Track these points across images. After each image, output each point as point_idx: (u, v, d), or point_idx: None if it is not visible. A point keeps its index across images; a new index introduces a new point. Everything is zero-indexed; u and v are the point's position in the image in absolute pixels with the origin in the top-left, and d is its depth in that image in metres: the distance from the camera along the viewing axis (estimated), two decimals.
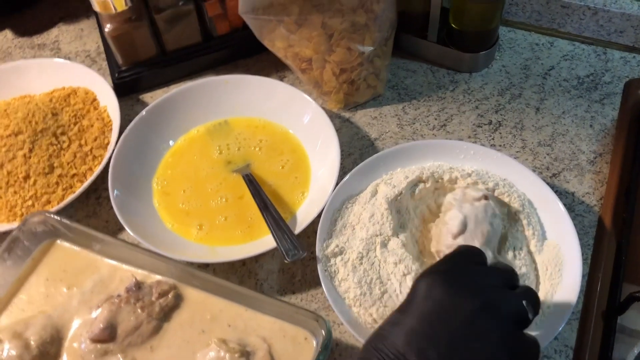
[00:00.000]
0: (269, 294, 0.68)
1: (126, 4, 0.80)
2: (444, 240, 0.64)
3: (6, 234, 0.74)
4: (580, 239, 0.64)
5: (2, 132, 0.78)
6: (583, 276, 0.63)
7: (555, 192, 0.68)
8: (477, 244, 0.62)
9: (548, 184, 0.69)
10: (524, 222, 0.67)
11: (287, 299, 0.68)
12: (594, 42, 0.89)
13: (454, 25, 0.84)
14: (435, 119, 0.83)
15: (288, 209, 0.74)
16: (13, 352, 0.59)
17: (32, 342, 0.60)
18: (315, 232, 0.69)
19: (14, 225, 0.73)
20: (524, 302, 0.46)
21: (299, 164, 0.79)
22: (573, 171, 0.76)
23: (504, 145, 0.79)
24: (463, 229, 0.63)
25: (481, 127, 0.81)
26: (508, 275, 0.49)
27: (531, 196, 0.69)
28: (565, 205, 0.67)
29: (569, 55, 0.88)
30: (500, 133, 0.81)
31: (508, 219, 0.68)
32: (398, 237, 0.66)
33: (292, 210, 0.74)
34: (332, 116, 0.80)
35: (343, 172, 0.74)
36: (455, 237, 0.63)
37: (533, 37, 0.91)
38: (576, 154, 0.78)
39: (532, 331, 0.59)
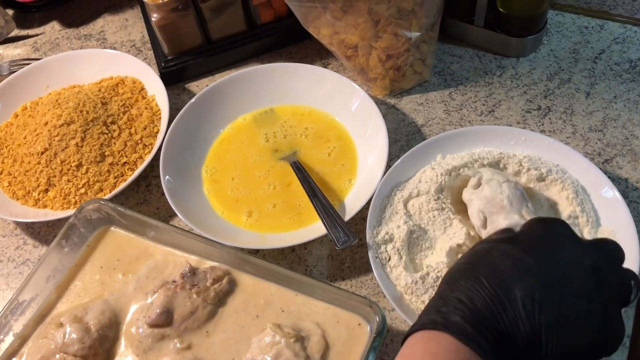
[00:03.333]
0: (320, 280, 0.69)
1: None
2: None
3: (61, 221, 0.76)
4: (635, 226, 0.63)
5: (55, 121, 0.80)
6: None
7: (608, 178, 0.67)
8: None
9: (600, 170, 0.68)
10: (577, 208, 0.66)
11: (336, 285, 0.68)
12: None
13: (501, 10, 0.82)
14: (483, 105, 0.82)
15: (335, 196, 0.75)
16: (74, 336, 0.60)
17: (92, 326, 0.62)
18: (363, 219, 0.69)
19: (68, 212, 0.75)
20: (632, 281, 0.46)
21: (346, 151, 0.79)
22: (626, 157, 0.74)
23: (554, 131, 0.78)
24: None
25: (530, 112, 0.80)
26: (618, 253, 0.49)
27: (584, 182, 0.68)
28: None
29: (620, 38, 0.86)
30: (549, 118, 0.79)
31: (560, 205, 0.67)
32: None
33: (339, 197, 0.75)
34: (378, 103, 0.79)
35: (390, 159, 0.73)
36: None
37: (582, 20, 0.89)
38: (629, 139, 0.76)
39: None
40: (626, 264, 0.61)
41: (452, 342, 0.42)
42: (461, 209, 0.68)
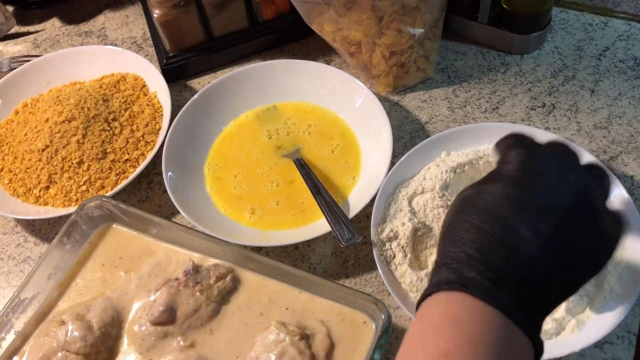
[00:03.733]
0: (324, 277, 0.68)
1: None
2: None
3: (62, 218, 0.75)
4: None
5: (56, 118, 0.79)
6: None
7: (614, 175, 0.67)
8: None
9: (606, 167, 0.67)
10: None
11: (340, 283, 0.68)
12: None
13: (505, 6, 0.82)
14: (487, 102, 0.81)
15: (339, 194, 0.74)
16: (76, 334, 0.60)
17: (94, 324, 0.61)
18: (367, 216, 0.69)
19: (70, 210, 0.74)
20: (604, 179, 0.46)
21: (349, 148, 0.78)
22: (631, 154, 0.74)
23: (559, 128, 0.78)
24: None
25: (534, 109, 0.80)
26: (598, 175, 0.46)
27: None
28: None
29: (625, 36, 0.85)
30: (554, 116, 0.79)
31: None
32: None
33: (343, 194, 0.74)
34: (381, 100, 0.79)
35: (393, 156, 0.73)
36: None
37: (586, 17, 0.88)
38: (634, 137, 0.76)
39: (596, 316, 0.58)
40: (632, 262, 0.61)
41: (474, 303, 0.37)
42: None
